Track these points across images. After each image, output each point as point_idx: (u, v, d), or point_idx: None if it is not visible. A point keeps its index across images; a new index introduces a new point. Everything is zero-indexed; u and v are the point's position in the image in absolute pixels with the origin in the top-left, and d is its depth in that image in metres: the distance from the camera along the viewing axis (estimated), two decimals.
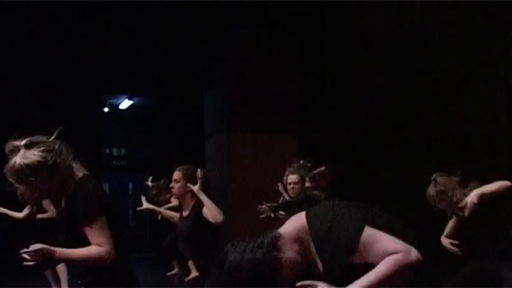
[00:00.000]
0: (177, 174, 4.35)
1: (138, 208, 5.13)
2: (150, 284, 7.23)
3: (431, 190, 4.17)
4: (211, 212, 4.13)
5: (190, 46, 11.06)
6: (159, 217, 5.48)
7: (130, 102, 14.10)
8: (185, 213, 4.39)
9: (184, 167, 4.38)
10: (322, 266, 2.25)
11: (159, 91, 12.70)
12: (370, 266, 2.13)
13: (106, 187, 14.74)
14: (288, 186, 5.90)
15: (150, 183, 8.48)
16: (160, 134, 13.97)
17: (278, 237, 2.22)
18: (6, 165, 2.54)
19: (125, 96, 13.83)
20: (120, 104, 14.32)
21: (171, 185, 4.42)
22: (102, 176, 13.02)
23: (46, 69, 9.95)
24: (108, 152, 15.83)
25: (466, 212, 3.88)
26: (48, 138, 2.61)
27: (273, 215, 5.72)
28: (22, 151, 2.50)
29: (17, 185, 2.56)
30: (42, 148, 2.53)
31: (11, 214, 6.94)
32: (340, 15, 9.30)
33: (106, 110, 14.18)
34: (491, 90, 6.67)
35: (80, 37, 10.11)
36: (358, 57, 8.79)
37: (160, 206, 6.16)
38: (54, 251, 2.48)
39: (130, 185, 16.62)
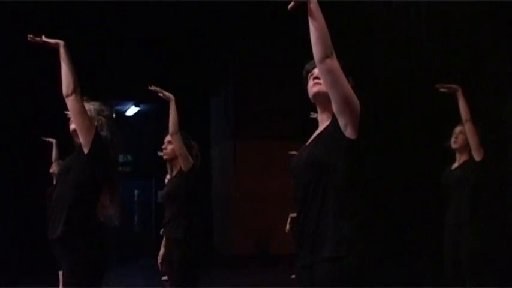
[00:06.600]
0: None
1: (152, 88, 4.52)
2: None
3: None
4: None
5: (197, 53, 11.10)
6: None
7: (137, 109, 14.15)
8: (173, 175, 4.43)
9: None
10: None
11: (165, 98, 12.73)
12: None
13: None
14: None
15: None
16: None
17: None
18: None
19: (132, 103, 13.88)
20: (126, 110, 14.37)
21: (163, 146, 4.38)
22: None
23: (53, 75, 9.98)
24: None
25: None
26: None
27: None
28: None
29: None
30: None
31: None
32: (348, 17, 9.29)
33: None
34: (497, 85, 6.68)
35: (86, 43, 10.16)
36: (366, 60, 8.79)
37: None
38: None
39: (136, 191, 16.64)
